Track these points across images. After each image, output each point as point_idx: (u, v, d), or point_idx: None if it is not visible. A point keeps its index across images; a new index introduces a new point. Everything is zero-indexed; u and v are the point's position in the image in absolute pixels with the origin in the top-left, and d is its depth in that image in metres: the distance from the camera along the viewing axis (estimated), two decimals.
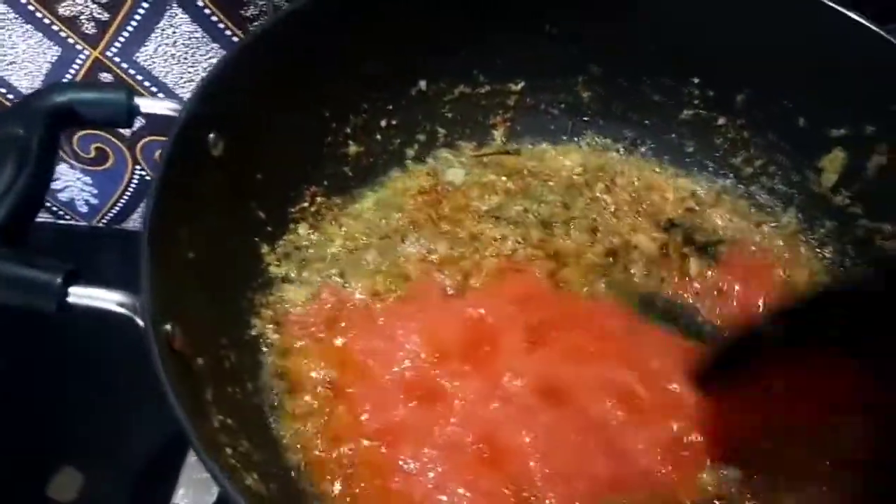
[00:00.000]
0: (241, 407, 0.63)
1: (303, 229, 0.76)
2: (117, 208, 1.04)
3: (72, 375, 0.95)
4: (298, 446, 0.65)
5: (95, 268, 0.82)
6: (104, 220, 1.06)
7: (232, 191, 0.69)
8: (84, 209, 1.04)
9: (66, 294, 0.54)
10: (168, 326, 0.55)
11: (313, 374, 0.68)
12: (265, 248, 0.73)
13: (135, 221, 1.05)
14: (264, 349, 0.70)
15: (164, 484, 0.77)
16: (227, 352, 0.65)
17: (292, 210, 0.76)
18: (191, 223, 0.62)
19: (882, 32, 0.68)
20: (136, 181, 1.00)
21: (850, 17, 0.69)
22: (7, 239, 0.55)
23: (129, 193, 1.02)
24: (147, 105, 0.64)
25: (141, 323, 0.54)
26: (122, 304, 0.54)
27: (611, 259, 0.77)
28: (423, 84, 0.80)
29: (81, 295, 0.54)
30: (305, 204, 0.76)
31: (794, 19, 0.72)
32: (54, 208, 1.05)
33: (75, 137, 0.96)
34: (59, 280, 0.54)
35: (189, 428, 0.50)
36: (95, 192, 1.02)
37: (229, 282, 0.68)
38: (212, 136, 0.65)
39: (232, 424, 0.59)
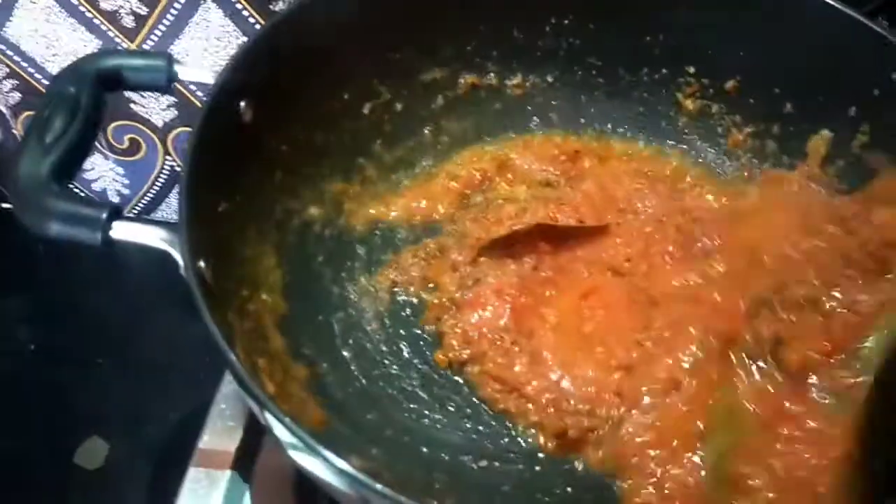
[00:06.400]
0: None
1: (315, 209, 0.82)
2: (147, 198, 1.09)
3: (98, 353, 1.00)
4: None
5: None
6: (134, 211, 1.11)
7: (259, 157, 0.75)
8: (115, 199, 1.10)
9: (109, 228, 0.59)
10: (202, 264, 0.61)
11: None
12: (289, 209, 0.79)
13: (163, 212, 1.11)
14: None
15: (184, 453, 0.82)
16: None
17: (314, 185, 0.82)
18: (222, 180, 0.68)
19: (860, 18, 0.74)
20: (166, 172, 1.06)
21: (831, 6, 0.75)
22: (57, 179, 0.61)
23: (159, 184, 1.07)
24: (185, 72, 0.70)
25: (178, 257, 0.59)
26: (162, 239, 0.59)
27: None
28: (435, 71, 0.86)
29: (124, 229, 0.60)
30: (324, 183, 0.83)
31: (777, 9, 0.78)
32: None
33: (109, 128, 1.01)
34: (103, 215, 0.59)
35: (215, 330, 0.55)
36: (127, 182, 1.08)
37: (254, 235, 0.74)
38: (243, 103, 0.70)
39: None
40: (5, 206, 1.12)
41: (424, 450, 0.71)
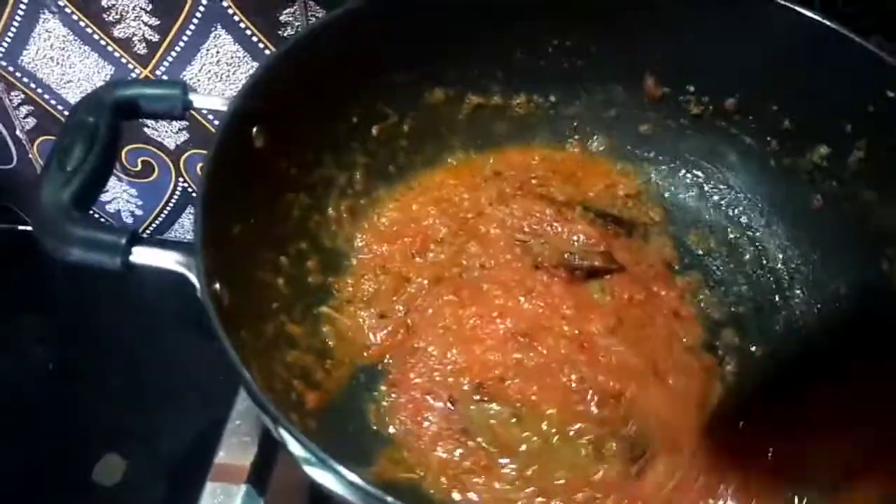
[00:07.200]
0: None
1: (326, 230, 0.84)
2: (160, 219, 1.12)
3: (115, 371, 1.03)
4: None
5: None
6: (147, 232, 1.14)
7: (271, 181, 0.77)
8: (129, 220, 1.13)
9: (129, 252, 0.61)
10: (217, 286, 0.63)
11: None
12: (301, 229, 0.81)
13: (176, 232, 1.13)
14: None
15: (200, 468, 0.84)
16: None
17: (323, 207, 0.84)
18: (236, 204, 0.70)
19: (855, 37, 0.75)
20: (178, 193, 1.08)
21: (827, 25, 0.77)
22: (78, 207, 0.63)
23: (171, 205, 1.10)
24: (200, 100, 0.72)
25: (195, 280, 0.61)
26: (179, 262, 0.61)
27: None
28: (440, 93, 0.88)
29: (143, 254, 0.62)
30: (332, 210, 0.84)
31: (774, 29, 0.79)
32: (101, 219, 1.13)
33: (123, 151, 1.04)
34: (123, 241, 0.61)
35: (231, 350, 0.57)
36: (140, 203, 1.10)
37: (268, 255, 0.76)
38: (255, 129, 0.72)
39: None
40: (22, 228, 1.15)
41: None
